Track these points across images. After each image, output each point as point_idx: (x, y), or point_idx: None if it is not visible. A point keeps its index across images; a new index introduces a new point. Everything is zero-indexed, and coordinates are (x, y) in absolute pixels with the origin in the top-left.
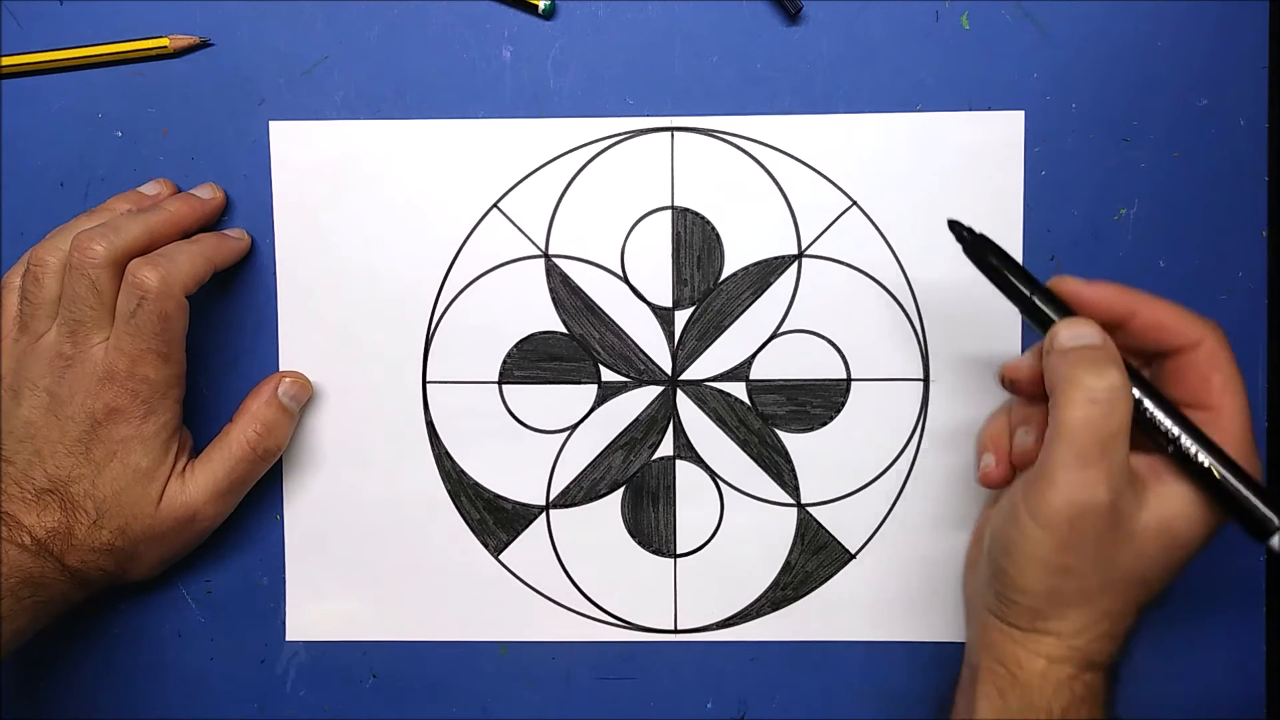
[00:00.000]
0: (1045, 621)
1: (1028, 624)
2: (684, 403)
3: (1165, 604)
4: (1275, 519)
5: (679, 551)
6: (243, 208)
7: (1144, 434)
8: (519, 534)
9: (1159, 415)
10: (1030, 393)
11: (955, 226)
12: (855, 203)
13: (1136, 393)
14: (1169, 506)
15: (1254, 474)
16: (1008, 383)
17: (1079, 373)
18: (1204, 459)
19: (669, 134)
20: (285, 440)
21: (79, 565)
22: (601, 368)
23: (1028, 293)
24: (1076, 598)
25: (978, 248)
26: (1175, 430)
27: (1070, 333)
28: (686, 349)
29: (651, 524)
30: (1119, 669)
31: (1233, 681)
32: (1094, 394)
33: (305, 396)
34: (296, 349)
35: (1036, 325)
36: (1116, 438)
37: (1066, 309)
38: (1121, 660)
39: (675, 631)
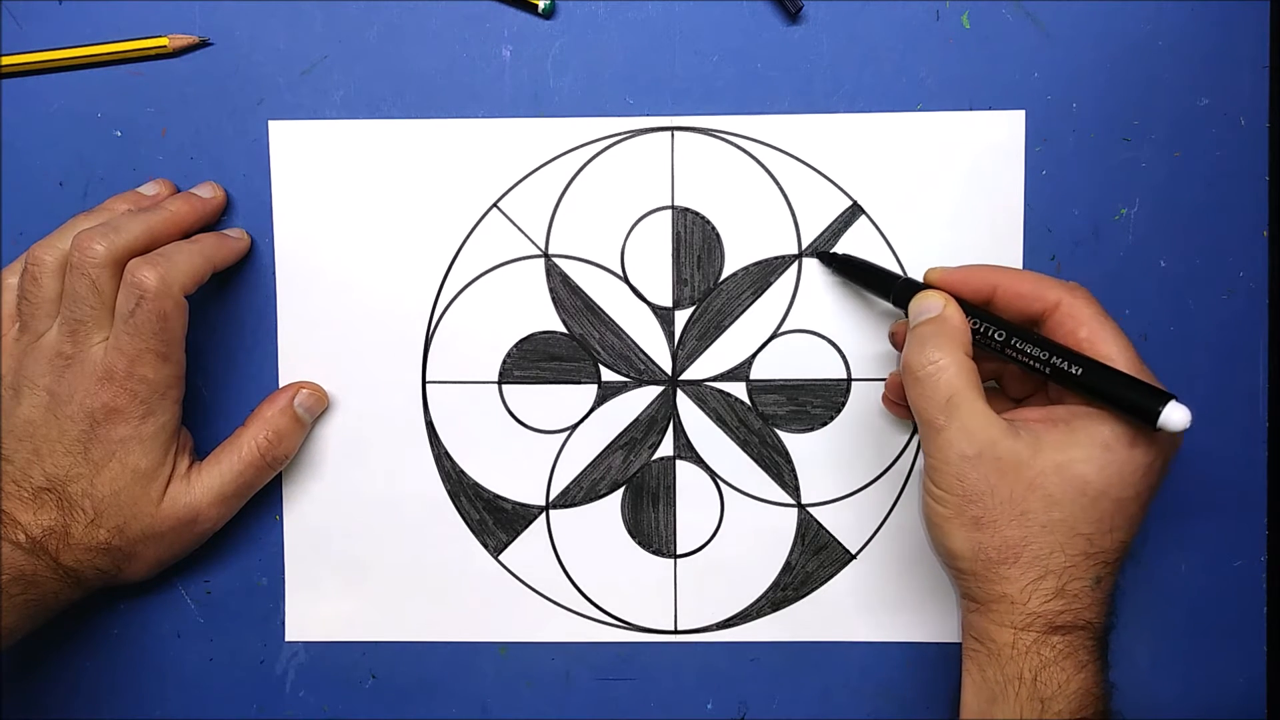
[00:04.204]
0: (992, 585)
1: (983, 593)
2: (684, 403)
3: (1166, 604)
4: (1157, 399)
5: (679, 552)
6: (242, 207)
7: (1027, 371)
8: (519, 534)
9: (1028, 348)
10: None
11: (820, 255)
12: (855, 203)
13: (1003, 335)
14: (1066, 452)
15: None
16: (893, 340)
17: (907, 354)
18: (1075, 368)
19: (669, 134)
20: (294, 449)
21: (74, 564)
22: (601, 368)
23: (896, 282)
24: (1004, 552)
25: (845, 263)
26: (1045, 353)
27: (916, 308)
28: (686, 349)
29: (651, 524)
30: (1104, 632)
31: (1233, 681)
32: (916, 371)
33: (320, 409)
34: (296, 349)
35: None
36: (954, 398)
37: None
38: (1101, 621)
39: (675, 632)
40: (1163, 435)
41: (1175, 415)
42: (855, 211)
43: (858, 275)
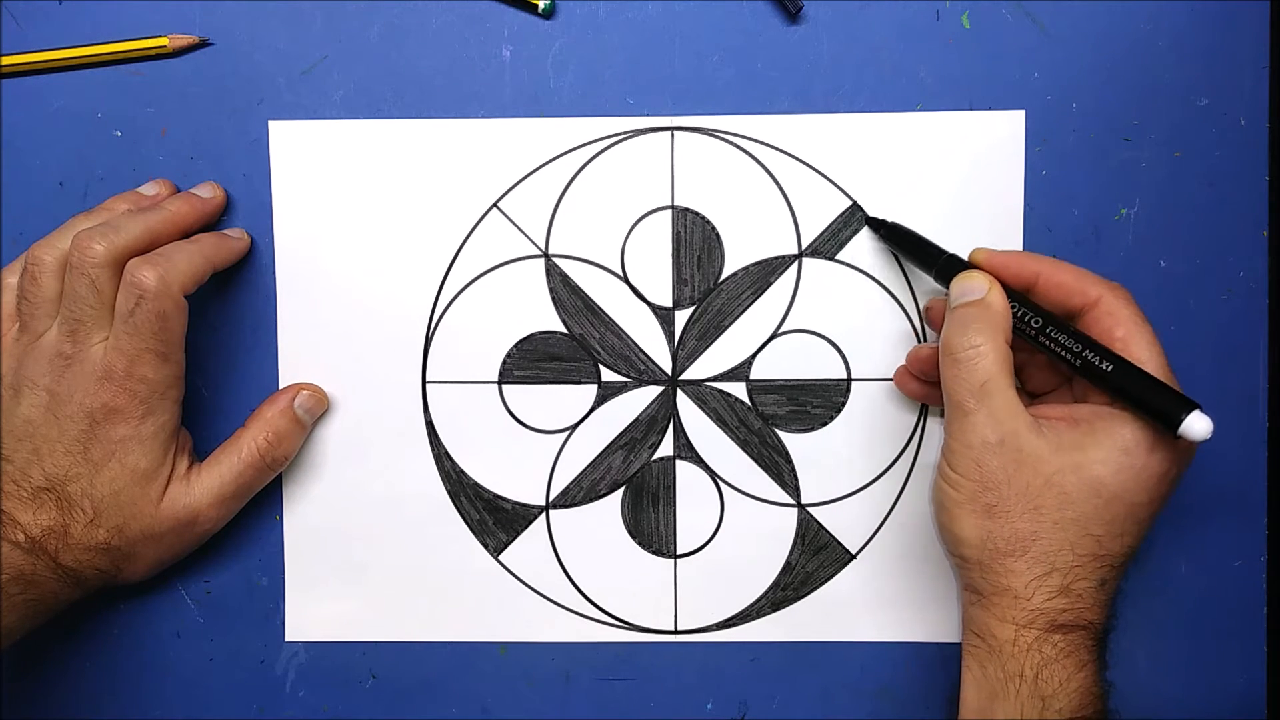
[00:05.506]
0: (997, 577)
1: (987, 585)
2: (684, 403)
3: (1166, 604)
4: (1182, 406)
5: (679, 552)
6: (242, 208)
7: (1056, 362)
8: (519, 534)
9: (1062, 338)
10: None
11: (870, 221)
12: (856, 203)
13: (1039, 322)
14: (1085, 452)
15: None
16: (927, 317)
17: (948, 334)
18: (1106, 365)
19: (669, 134)
20: (294, 451)
21: (73, 564)
22: (601, 368)
23: (941, 257)
24: (1012, 544)
25: (892, 230)
26: (1079, 346)
27: (960, 288)
28: (686, 349)
29: (651, 524)
30: (1104, 632)
31: (1233, 681)
32: (956, 353)
33: (320, 410)
34: (296, 350)
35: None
36: (988, 384)
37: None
38: (1102, 622)
39: (675, 632)
40: (1181, 444)
41: (1197, 425)
42: (855, 211)
43: (903, 245)
